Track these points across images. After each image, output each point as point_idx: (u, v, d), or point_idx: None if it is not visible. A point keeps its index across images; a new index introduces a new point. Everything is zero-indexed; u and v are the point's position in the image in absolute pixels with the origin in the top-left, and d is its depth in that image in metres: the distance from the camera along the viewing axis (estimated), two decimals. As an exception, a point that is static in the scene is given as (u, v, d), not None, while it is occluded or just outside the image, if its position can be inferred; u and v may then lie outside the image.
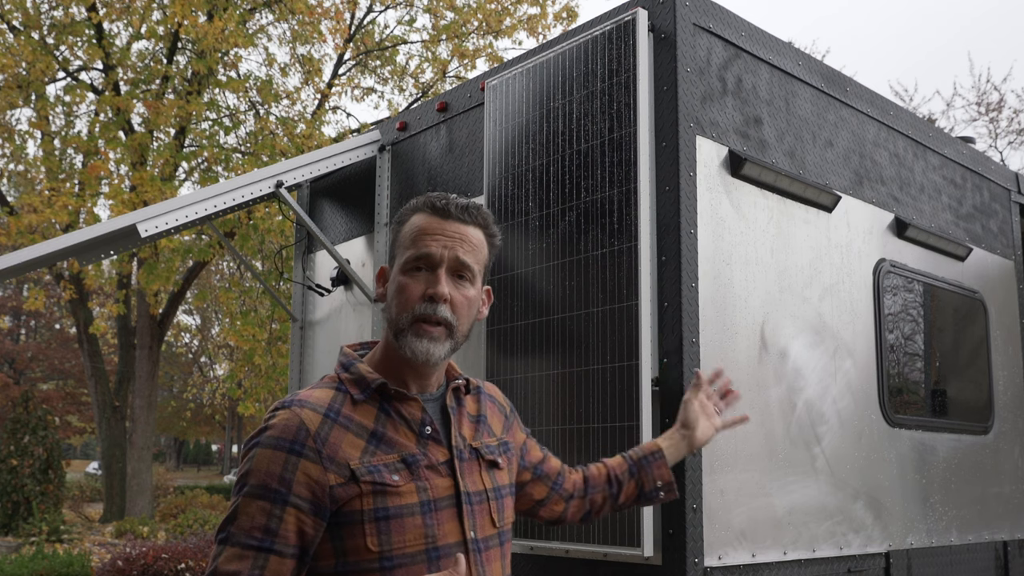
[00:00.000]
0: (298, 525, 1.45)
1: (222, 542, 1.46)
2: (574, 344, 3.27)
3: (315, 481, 1.46)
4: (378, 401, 1.58)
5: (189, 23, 12.37)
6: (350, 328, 4.80)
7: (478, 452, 1.66)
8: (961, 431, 4.50)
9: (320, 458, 1.47)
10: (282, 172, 4.53)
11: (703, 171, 3.28)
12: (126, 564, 8.35)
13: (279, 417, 1.51)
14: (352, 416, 1.54)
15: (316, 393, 1.57)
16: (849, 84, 4.11)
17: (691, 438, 2.17)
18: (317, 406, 1.53)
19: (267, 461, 1.46)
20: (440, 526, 1.53)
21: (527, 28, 15.02)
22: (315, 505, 1.46)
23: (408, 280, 1.58)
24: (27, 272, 4.74)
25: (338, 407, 1.54)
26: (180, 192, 14.09)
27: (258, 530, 1.44)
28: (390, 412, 1.57)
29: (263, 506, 1.45)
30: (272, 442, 1.48)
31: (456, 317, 1.59)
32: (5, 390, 26.24)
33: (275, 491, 1.45)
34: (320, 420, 1.50)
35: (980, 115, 19.76)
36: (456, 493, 1.57)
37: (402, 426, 1.57)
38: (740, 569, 3.15)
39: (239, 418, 35.66)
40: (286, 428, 1.49)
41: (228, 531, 1.46)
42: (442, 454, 1.59)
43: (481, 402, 1.77)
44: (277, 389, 13.47)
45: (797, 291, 3.63)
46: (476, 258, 1.62)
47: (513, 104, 3.72)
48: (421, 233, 1.59)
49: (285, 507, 1.44)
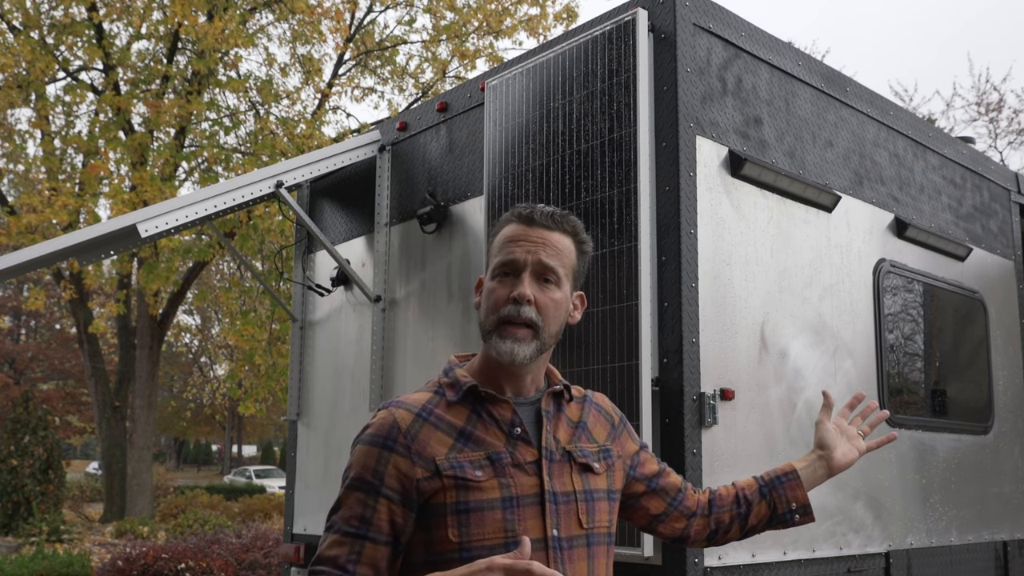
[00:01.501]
0: (390, 515, 1.58)
1: (327, 530, 1.61)
2: (574, 344, 3.27)
3: (404, 474, 1.59)
4: (471, 403, 1.67)
5: (189, 23, 12.37)
6: (350, 328, 4.80)
7: (571, 455, 1.70)
8: (961, 431, 4.50)
9: (409, 453, 1.60)
10: (282, 172, 4.53)
11: (703, 171, 3.28)
12: (126, 564, 8.35)
13: (378, 417, 1.66)
14: (444, 416, 1.65)
15: (414, 396, 1.70)
16: (849, 84, 4.11)
17: (829, 460, 2.08)
18: (412, 406, 1.66)
19: (364, 456, 1.61)
20: (522, 522, 1.60)
21: (527, 28, 15.02)
22: (404, 496, 1.59)
23: (496, 285, 1.67)
24: (27, 272, 4.74)
25: (431, 407, 1.66)
26: (180, 192, 14.08)
27: (355, 519, 1.58)
28: (481, 413, 1.67)
29: (360, 497, 1.59)
30: (369, 439, 1.63)
31: (542, 318, 1.65)
32: (5, 390, 26.25)
33: (369, 483, 1.59)
34: (412, 419, 1.63)
35: (980, 115, 19.77)
36: (540, 492, 1.63)
37: (492, 426, 1.66)
38: (740, 569, 3.16)
39: (239, 418, 35.67)
40: (381, 426, 1.63)
41: (332, 520, 1.61)
42: (531, 454, 1.65)
43: (585, 409, 1.81)
44: (277, 389, 13.47)
45: (797, 291, 3.63)
46: (561, 262, 1.68)
47: (513, 104, 3.72)
48: (508, 241, 1.68)
49: (378, 498, 1.58)
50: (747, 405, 3.29)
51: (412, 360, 4.31)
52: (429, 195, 4.35)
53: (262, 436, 46.06)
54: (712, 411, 3.11)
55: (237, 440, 47.07)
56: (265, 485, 27.51)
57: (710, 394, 3.12)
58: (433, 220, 4.28)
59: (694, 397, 3.08)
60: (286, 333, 12.94)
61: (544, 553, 1.60)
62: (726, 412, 3.20)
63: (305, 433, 5.02)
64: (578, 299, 1.76)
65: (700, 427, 3.09)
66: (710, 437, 3.13)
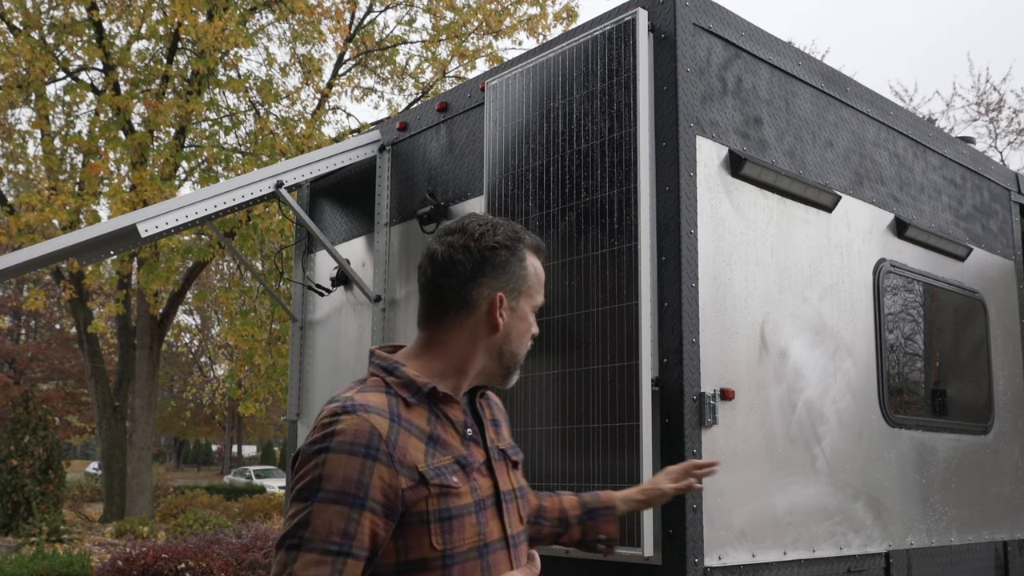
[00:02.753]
0: (372, 528, 1.49)
1: (294, 548, 1.46)
2: (574, 344, 3.27)
3: (388, 485, 1.50)
4: (427, 405, 1.63)
5: (189, 23, 12.36)
6: (350, 328, 4.80)
7: (505, 453, 1.75)
8: (961, 431, 4.50)
9: (392, 462, 1.51)
10: (282, 172, 4.52)
11: (703, 171, 3.28)
12: (126, 564, 8.35)
13: (346, 423, 1.51)
14: (411, 420, 1.58)
15: (371, 397, 1.58)
16: (849, 84, 4.11)
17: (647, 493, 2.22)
18: (381, 410, 1.55)
19: (343, 466, 1.48)
20: (487, 524, 1.61)
21: (527, 28, 15.01)
22: (388, 508, 1.50)
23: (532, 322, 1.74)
24: (27, 272, 4.74)
25: (397, 411, 1.57)
26: (180, 192, 14.08)
27: (337, 534, 1.46)
28: (439, 415, 1.63)
29: (341, 511, 1.46)
30: (346, 447, 1.49)
31: None
32: (5, 390, 26.24)
33: (353, 496, 1.47)
34: (388, 424, 1.53)
35: (980, 115, 19.77)
36: (495, 492, 1.65)
37: (449, 428, 1.63)
38: (740, 569, 3.15)
39: (239, 418, 35.66)
40: (358, 433, 1.50)
41: (301, 537, 1.46)
42: (481, 455, 1.66)
43: (493, 408, 1.83)
44: (277, 389, 13.46)
45: (797, 291, 3.63)
46: None
47: (513, 104, 3.72)
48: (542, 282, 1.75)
49: (362, 511, 1.47)
50: (747, 405, 3.29)
51: (412, 360, 4.30)
52: (429, 195, 4.35)
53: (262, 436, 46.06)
54: (712, 411, 3.11)
55: (237, 440, 47.06)
56: (265, 485, 27.52)
57: (710, 394, 3.12)
58: (433, 220, 4.27)
59: (694, 397, 3.08)
60: (286, 333, 12.93)
61: (507, 552, 1.63)
62: (726, 412, 3.19)
63: (305, 433, 5.02)
64: None
65: (700, 427, 3.09)
66: (710, 437, 3.13)
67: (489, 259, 1.67)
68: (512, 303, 1.69)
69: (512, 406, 3.45)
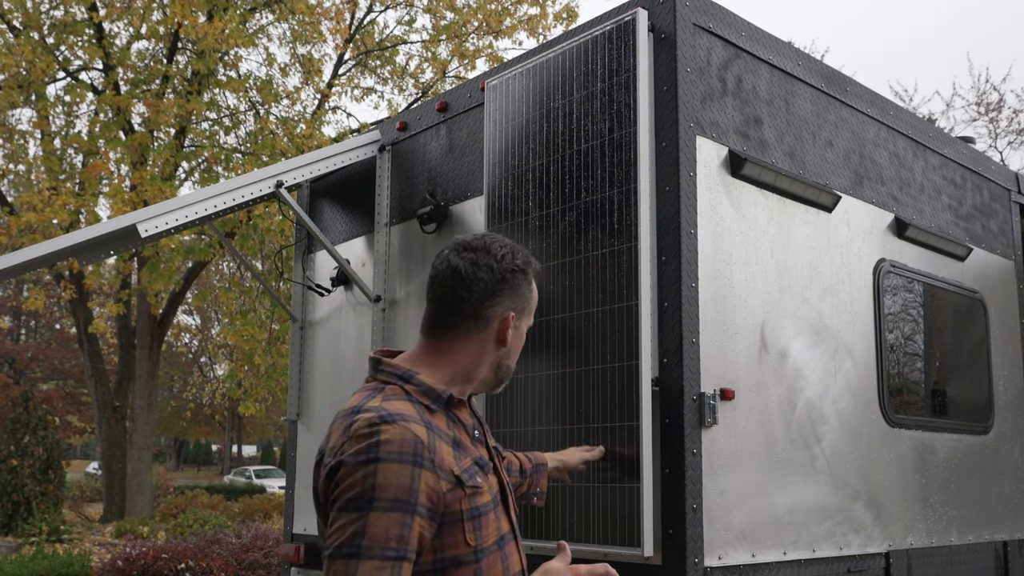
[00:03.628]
0: (420, 531, 1.58)
1: (353, 556, 1.52)
2: (574, 344, 3.27)
3: (432, 489, 1.59)
4: (444, 410, 1.74)
5: (189, 23, 12.36)
6: (350, 328, 4.81)
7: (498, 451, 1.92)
8: (961, 431, 4.50)
9: (434, 467, 1.60)
10: (282, 172, 4.53)
11: (703, 171, 3.28)
12: (126, 564, 8.35)
13: (390, 432, 1.58)
14: (439, 426, 1.69)
15: (399, 406, 1.66)
16: (849, 84, 4.11)
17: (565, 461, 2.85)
18: (416, 419, 1.64)
19: (395, 475, 1.55)
20: (501, 518, 1.76)
21: (527, 28, 15.02)
22: (432, 511, 1.60)
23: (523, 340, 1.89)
24: (27, 272, 4.74)
25: (428, 419, 1.67)
26: (180, 192, 14.08)
27: (395, 540, 1.53)
28: (454, 419, 1.75)
29: (396, 517, 1.54)
30: (395, 456, 1.56)
31: None
32: (5, 390, 26.24)
33: (406, 502, 1.55)
34: (427, 433, 1.63)
35: (980, 115, 19.77)
36: (501, 488, 1.79)
37: (463, 431, 1.75)
38: (740, 569, 3.15)
39: (239, 418, 35.66)
40: (404, 442, 1.58)
41: (359, 545, 1.52)
42: (485, 454, 1.79)
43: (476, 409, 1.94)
44: (277, 389, 13.46)
45: (797, 291, 3.63)
46: None
47: (513, 104, 3.72)
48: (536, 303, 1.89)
49: (414, 516, 1.56)
50: (747, 405, 3.29)
51: (412, 360, 4.30)
52: (429, 195, 4.35)
53: (262, 436, 46.07)
54: (712, 411, 3.11)
55: (237, 440, 47.06)
56: (265, 485, 27.54)
57: (710, 394, 3.12)
58: (433, 220, 4.28)
59: (694, 397, 3.08)
60: (286, 333, 12.93)
61: (515, 542, 1.79)
62: (726, 412, 3.20)
63: (305, 433, 5.02)
64: None
65: (700, 427, 3.09)
66: (710, 437, 3.13)
67: (508, 280, 1.79)
68: (517, 322, 1.83)
69: (512, 406, 3.45)
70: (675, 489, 3.01)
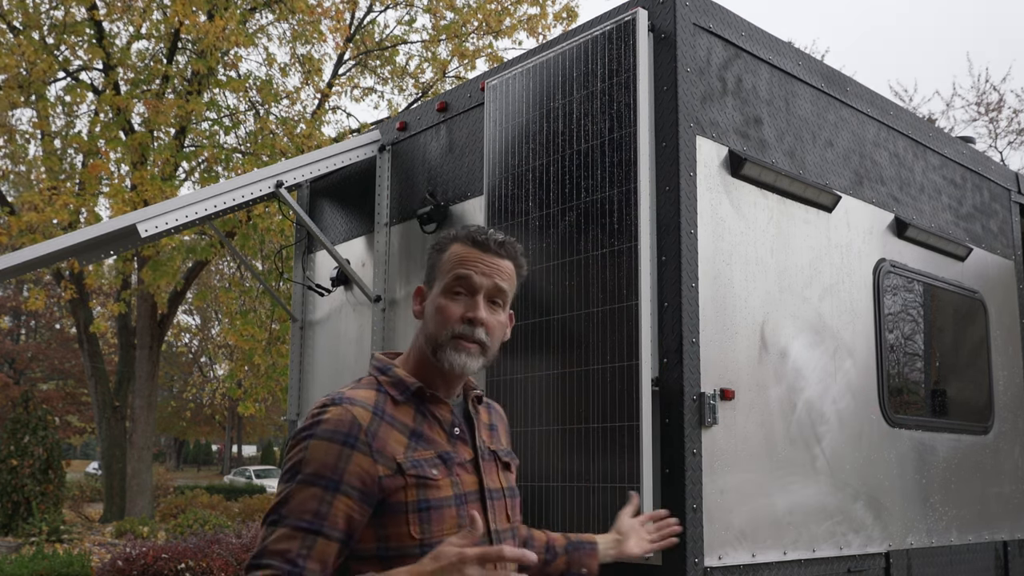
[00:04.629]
0: (347, 512, 1.60)
1: (272, 523, 1.59)
2: (574, 344, 3.27)
3: (366, 472, 1.62)
4: (414, 403, 1.76)
5: (190, 22, 12.36)
6: (350, 328, 4.81)
7: (496, 454, 1.87)
8: (961, 431, 4.50)
9: (371, 451, 1.63)
10: (282, 172, 4.53)
11: (703, 171, 3.28)
12: (126, 564, 8.35)
13: (331, 412, 1.65)
14: (395, 415, 1.71)
15: (360, 392, 1.72)
16: (849, 84, 4.11)
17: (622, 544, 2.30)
18: (365, 404, 1.69)
19: (322, 452, 1.61)
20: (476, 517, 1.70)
21: (527, 28, 15.01)
22: (364, 494, 1.62)
23: (448, 302, 1.79)
24: (27, 272, 4.74)
25: (382, 406, 1.71)
26: (180, 192, 14.07)
27: (309, 513, 1.58)
28: (425, 413, 1.76)
29: (315, 492, 1.59)
30: (327, 435, 1.62)
31: (490, 338, 1.80)
32: (5, 390, 26.23)
33: (328, 479, 1.59)
34: (370, 417, 1.67)
35: (980, 115, 19.77)
36: (480, 488, 1.77)
37: (436, 426, 1.76)
38: (740, 569, 3.15)
39: (239, 418, 35.65)
40: (339, 422, 1.64)
41: (279, 514, 1.59)
42: (468, 453, 1.79)
43: (492, 415, 1.97)
44: (277, 389, 13.46)
45: (797, 291, 3.63)
46: (508, 287, 1.84)
47: (513, 104, 3.72)
48: (463, 261, 1.80)
49: (336, 494, 1.59)
50: (747, 405, 3.29)
51: (412, 360, 4.30)
52: (429, 195, 4.35)
53: (262, 436, 46.07)
54: (712, 411, 3.11)
55: (237, 440, 47.06)
56: (265, 485, 27.53)
57: (710, 394, 3.12)
58: (433, 220, 4.27)
59: (694, 397, 3.08)
60: (286, 333, 12.93)
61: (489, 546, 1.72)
62: (726, 412, 3.20)
63: (305, 433, 5.02)
64: (509, 318, 1.92)
65: (700, 427, 3.09)
66: (710, 437, 3.13)
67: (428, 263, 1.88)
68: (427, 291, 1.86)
69: (512, 406, 3.45)
70: (675, 489, 3.01)
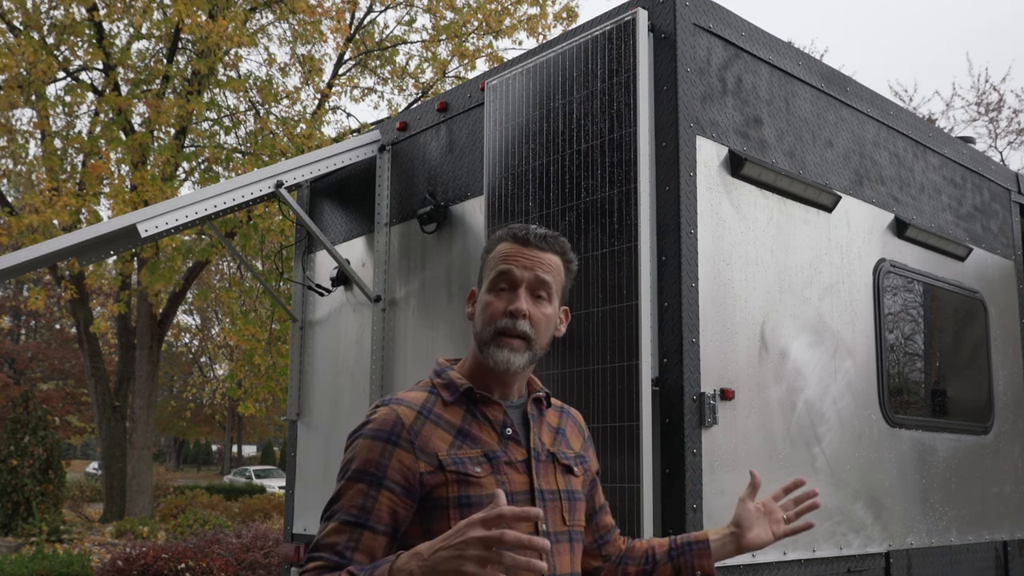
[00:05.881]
0: (391, 506, 1.67)
1: (326, 519, 1.68)
2: (574, 344, 3.27)
3: (407, 468, 1.68)
4: (465, 404, 1.79)
5: (192, 22, 12.36)
6: (350, 328, 4.80)
7: (554, 456, 1.86)
8: (961, 431, 4.50)
9: (413, 448, 1.69)
10: (282, 172, 4.53)
11: (703, 171, 3.28)
12: (126, 564, 8.35)
13: (379, 413, 1.74)
14: (442, 415, 1.76)
15: (411, 394, 1.80)
16: (849, 84, 4.11)
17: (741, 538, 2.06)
18: (412, 404, 1.75)
19: (367, 449, 1.69)
20: None
21: (527, 28, 15.01)
22: (406, 489, 1.67)
23: (492, 298, 1.80)
24: (27, 272, 4.74)
25: (430, 406, 1.76)
26: (180, 192, 14.07)
27: (356, 508, 1.66)
28: (475, 413, 1.79)
29: (361, 488, 1.67)
30: (372, 433, 1.71)
31: (535, 331, 1.79)
32: (5, 390, 26.22)
33: (372, 475, 1.67)
34: (414, 416, 1.73)
35: (980, 115, 19.77)
36: (531, 489, 1.77)
37: (486, 426, 1.78)
38: (740, 569, 3.15)
39: (239, 418, 35.65)
40: (384, 421, 1.72)
41: (331, 509, 1.68)
42: (520, 454, 1.79)
43: (563, 419, 1.96)
44: (277, 389, 13.46)
45: (797, 291, 3.63)
46: (553, 279, 1.82)
47: (513, 104, 3.72)
48: (504, 258, 1.81)
49: (380, 489, 1.66)
50: (747, 405, 3.29)
51: (412, 360, 4.31)
52: (429, 195, 4.35)
53: (262, 436, 46.05)
54: (712, 411, 3.11)
55: (237, 440, 47.05)
56: (265, 485, 27.52)
57: (710, 394, 3.12)
58: (433, 220, 4.28)
59: (694, 397, 3.08)
60: (286, 333, 12.93)
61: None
62: (726, 412, 3.20)
63: (305, 433, 5.02)
64: (563, 313, 1.90)
65: (700, 427, 3.09)
66: (710, 437, 3.13)
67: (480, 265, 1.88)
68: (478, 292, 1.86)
69: (512, 406, 3.45)
70: (675, 489, 3.01)
